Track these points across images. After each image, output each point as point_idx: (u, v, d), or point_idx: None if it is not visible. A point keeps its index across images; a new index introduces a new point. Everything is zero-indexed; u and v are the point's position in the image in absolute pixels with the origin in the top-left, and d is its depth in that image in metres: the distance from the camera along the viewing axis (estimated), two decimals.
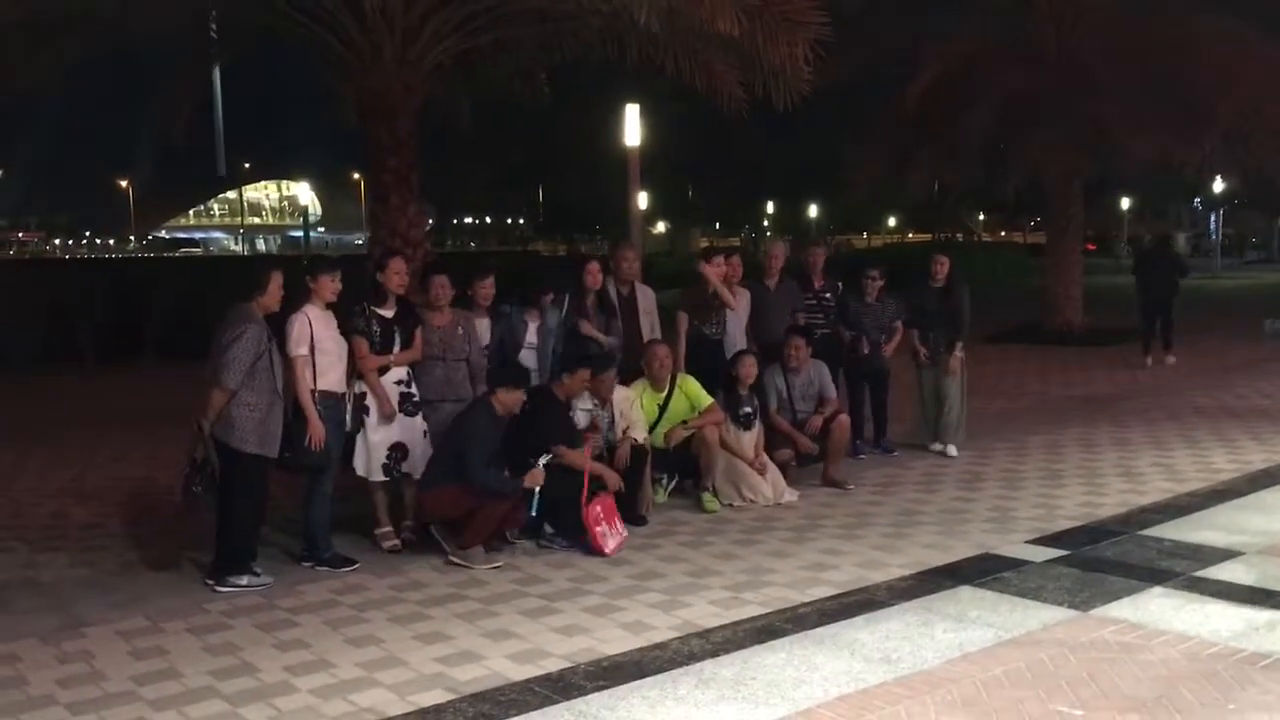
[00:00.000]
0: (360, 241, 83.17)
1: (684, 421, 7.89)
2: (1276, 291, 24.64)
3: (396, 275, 6.85)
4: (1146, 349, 15.26)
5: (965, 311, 9.59)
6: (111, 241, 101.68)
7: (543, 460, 6.70)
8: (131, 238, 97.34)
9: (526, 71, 11.90)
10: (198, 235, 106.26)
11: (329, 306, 6.52)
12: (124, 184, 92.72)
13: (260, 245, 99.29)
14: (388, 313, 6.82)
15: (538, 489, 6.61)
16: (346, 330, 6.61)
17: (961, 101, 16.04)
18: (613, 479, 7.02)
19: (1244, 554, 6.32)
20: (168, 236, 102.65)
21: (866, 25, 14.10)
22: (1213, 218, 53.68)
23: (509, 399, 6.67)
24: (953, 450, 9.39)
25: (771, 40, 9.50)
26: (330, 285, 6.46)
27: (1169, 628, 5.18)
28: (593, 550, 6.66)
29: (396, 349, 6.81)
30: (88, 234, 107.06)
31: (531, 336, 7.73)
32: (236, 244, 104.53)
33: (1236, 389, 12.60)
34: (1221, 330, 17.88)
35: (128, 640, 5.38)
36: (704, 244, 49.95)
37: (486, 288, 7.54)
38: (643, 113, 14.43)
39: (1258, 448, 9.26)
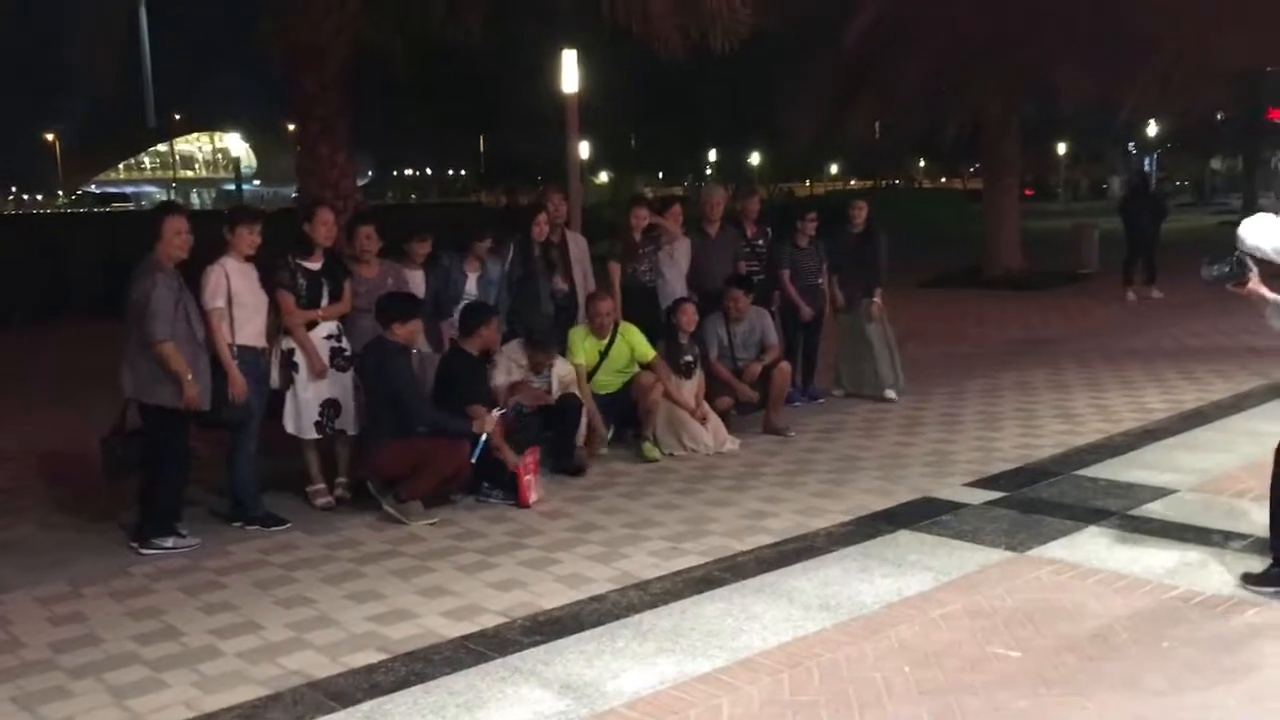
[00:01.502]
0: (296, 194, 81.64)
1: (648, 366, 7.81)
2: (1206, 235, 25.01)
3: (324, 226, 6.63)
4: (1128, 283, 15.95)
5: (883, 257, 9.58)
6: (39, 197, 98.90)
7: (496, 412, 6.55)
8: (60, 192, 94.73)
9: (457, 12, 11.57)
10: (128, 190, 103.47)
11: (249, 259, 6.30)
12: (50, 138, 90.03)
13: (194, 199, 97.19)
14: (314, 265, 6.61)
15: (485, 435, 6.45)
16: (272, 284, 6.40)
17: (900, 44, 15.95)
18: (511, 460, 6.75)
19: (1176, 491, 6.37)
20: (98, 191, 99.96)
21: None
22: (1147, 161, 54.36)
23: (404, 332, 6.50)
24: (891, 394, 9.40)
25: None
26: (248, 238, 6.24)
27: (1103, 566, 5.20)
28: (519, 503, 6.58)
29: (325, 303, 6.61)
30: (13, 190, 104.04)
31: (471, 287, 7.55)
32: (169, 198, 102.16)
33: (1170, 330, 12.75)
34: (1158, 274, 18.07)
35: (46, 606, 5.21)
36: (646, 192, 49.68)
37: (424, 246, 7.37)
38: (583, 59, 14.16)
39: (1190, 387, 9.36)
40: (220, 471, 6.68)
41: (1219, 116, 34.09)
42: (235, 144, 68.66)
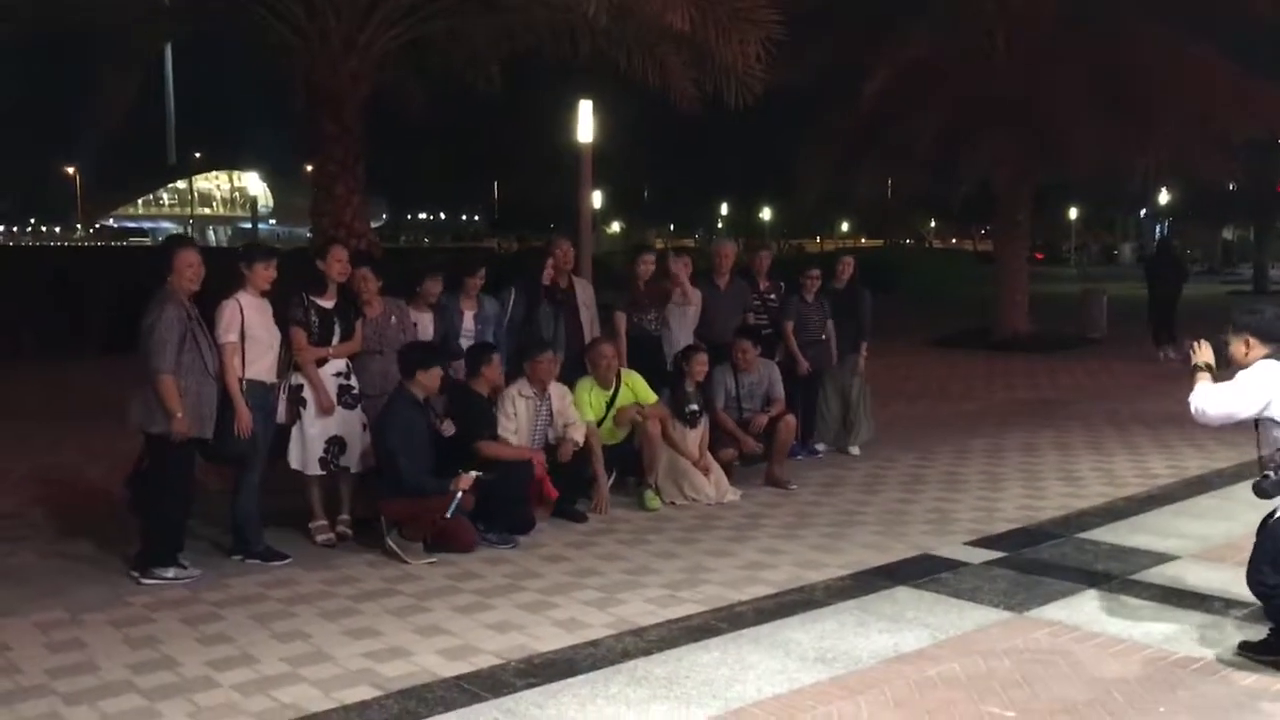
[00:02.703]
0: (311, 234, 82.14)
1: (639, 405, 7.83)
2: (1216, 302, 25.05)
3: (337, 264, 6.72)
4: (1159, 343, 16.70)
5: (867, 313, 9.72)
6: (58, 230, 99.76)
7: (472, 473, 6.52)
8: (78, 226, 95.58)
9: (478, 62, 11.78)
10: (146, 225, 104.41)
11: (264, 294, 6.37)
12: (71, 171, 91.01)
13: (210, 236, 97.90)
14: (328, 303, 6.68)
15: (459, 494, 6.44)
16: (285, 320, 6.47)
17: (913, 105, 16.12)
18: (537, 455, 7.07)
19: (1178, 558, 6.36)
20: (116, 225, 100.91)
21: (820, 27, 14.10)
22: (1157, 228, 54.58)
23: (427, 379, 6.56)
24: (855, 450, 9.48)
25: (724, 37, 9.49)
26: (264, 273, 6.32)
27: (1102, 630, 5.19)
28: (545, 497, 6.97)
29: (336, 340, 6.68)
30: (32, 221, 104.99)
31: (468, 324, 7.60)
32: (183, 232, 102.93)
33: (1178, 396, 12.70)
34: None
35: (45, 632, 5.21)
36: (658, 244, 49.95)
37: (435, 285, 7.39)
38: (597, 110, 14.34)
39: (1195, 454, 9.36)
40: (223, 504, 6.71)
41: (1230, 186, 34.22)
42: (253, 183, 69.32)
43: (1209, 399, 4.75)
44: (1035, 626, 5.27)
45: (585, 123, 14.46)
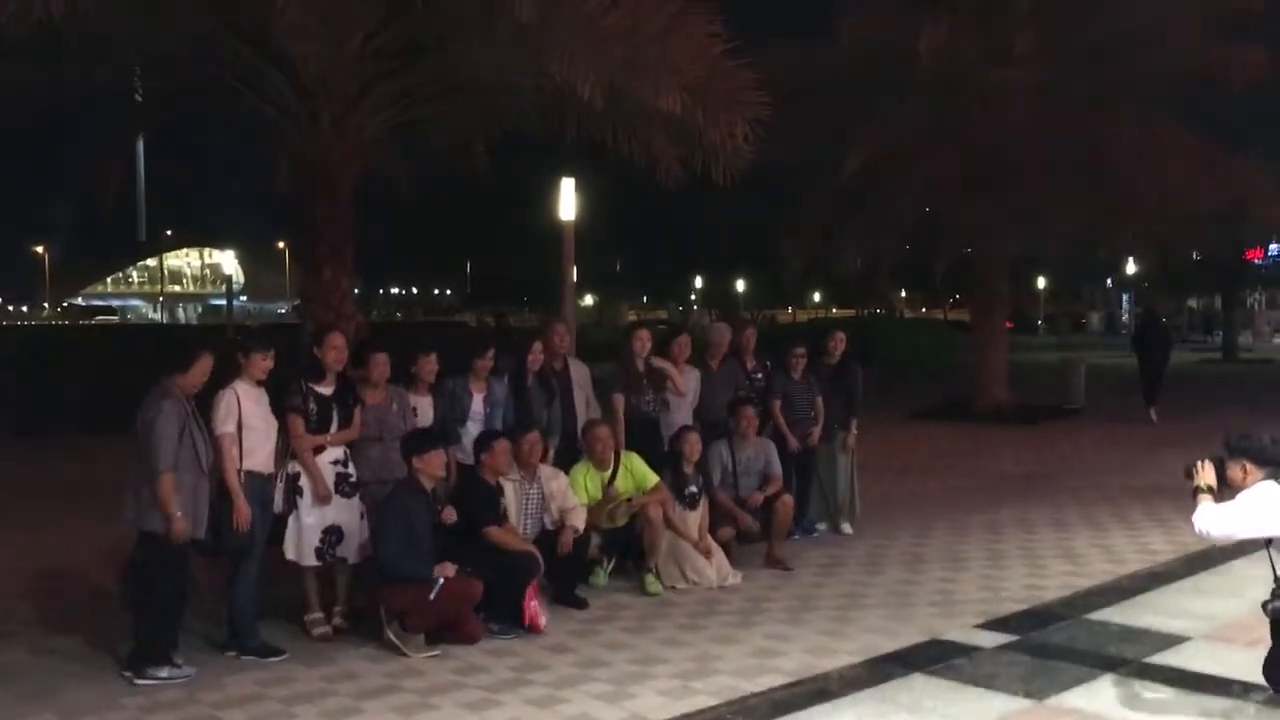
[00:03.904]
0: (284, 311, 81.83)
1: (629, 499, 7.73)
2: (1190, 370, 25.38)
3: (334, 351, 6.63)
4: (1150, 404, 17.77)
5: (859, 388, 9.68)
6: (25, 308, 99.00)
7: (440, 579, 6.31)
8: (46, 304, 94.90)
9: (465, 143, 11.81)
10: (115, 303, 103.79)
11: (259, 384, 6.28)
12: (40, 250, 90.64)
13: (180, 314, 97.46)
14: (326, 390, 6.59)
15: (440, 581, 6.30)
16: (282, 408, 6.37)
17: (895, 182, 16.35)
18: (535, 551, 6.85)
19: (1190, 639, 6.30)
20: (84, 304, 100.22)
21: (801, 107, 14.29)
22: (1125, 298, 55.41)
23: (426, 463, 6.45)
24: (847, 528, 9.40)
25: (712, 119, 9.54)
26: (261, 363, 6.23)
27: (1124, 718, 5.10)
28: (532, 629, 6.51)
29: (334, 428, 6.57)
30: (0, 300, 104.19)
31: (477, 407, 7.48)
32: (155, 312, 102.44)
33: (1166, 467, 12.76)
34: (1139, 408, 18.25)
35: None
36: (631, 317, 50.14)
37: (429, 364, 7.26)
38: (576, 184, 14.42)
39: (1190, 528, 9.31)
40: (215, 598, 6.53)
41: (1195, 256, 34.84)
42: (227, 261, 69.38)
43: (1212, 520, 4.92)
44: (1056, 715, 5.18)
45: (567, 200, 14.55)
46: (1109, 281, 60.59)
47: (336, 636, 6.55)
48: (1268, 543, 4.87)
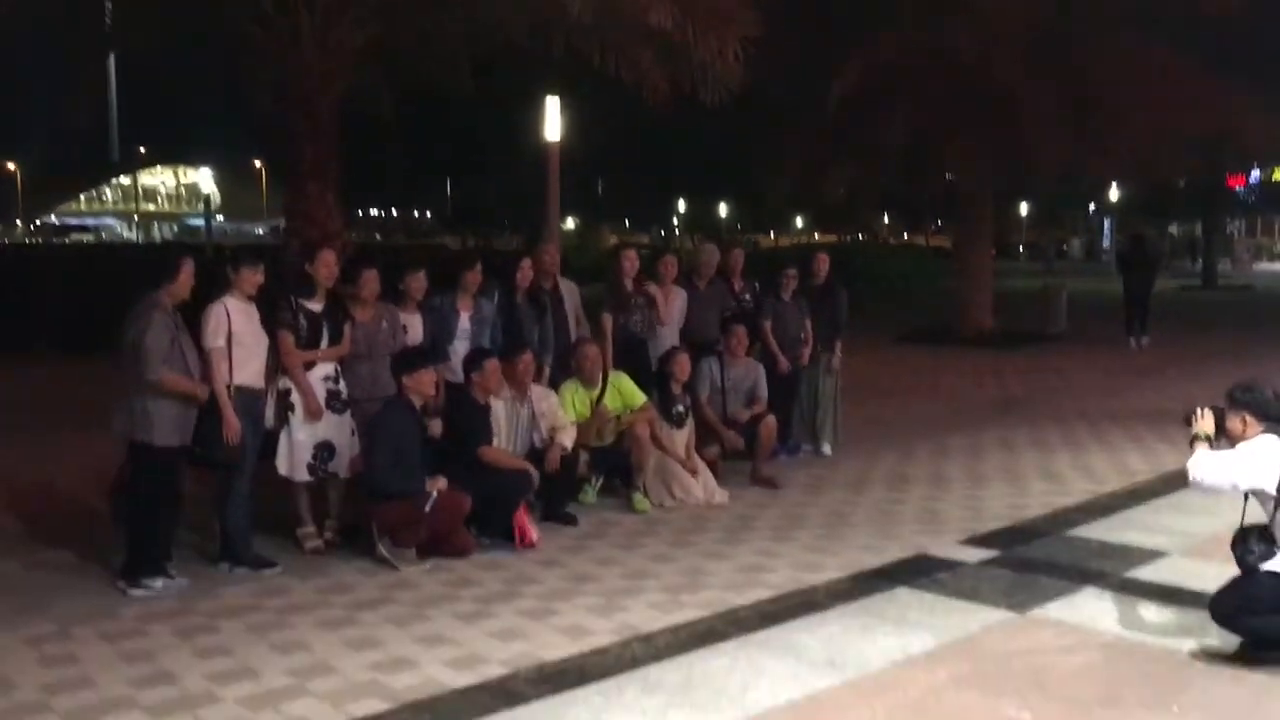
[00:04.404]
0: (261, 231, 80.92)
1: (617, 418, 7.78)
2: (1168, 297, 25.51)
3: (325, 267, 6.60)
4: (1130, 333, 17.95)
5: (843, 310, 9.73)
6: None
7: (434, 493, 6.36)
8: (18, 222, 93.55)
9: (449, 61, 11.63)
10: (90, 221, 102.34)
11: (250, 299, 6.25)
12: (11, 167, 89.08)
13: (155, 233, 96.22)
14: (316, 306, 6.56)
15: (434, 495, 6.35)
16: (273, 324, 6.35)
17: (882, 108, 16.19)
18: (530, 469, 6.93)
19: (1168, 554, 6.44)
20: (58, 223, 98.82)
21: (790, 27, 14.08)
22: (1106, 223, 55.45)
23: (417, 382, 6.48)
24: (827, 449, 9.51)
25: (702, 35, 9.45)
26: (251, 278, 6.19)
27: (1106, 629, 5.24)
28: (525, 545, 6.59)
29: (324, 344, 6.56)
30: None
31: (465, 324, 7.46)
32: (130, 231, 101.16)
33: (1143, 392, 12.95)
34: (1119, 333, 18.39)
35: (35, 647, 5.07)
36: (612, 240, 49.88)
37: (418, 281, 7.22)
38: (560, 108, 14.23)
39: (1168, 449, 9.46)
40: (208, 510, 6.56)
41: (1179, 183, 34.82)
42: (204, 179, 68.26)
43: (1207, 468, 4.86)
44: (1039, 626, 5.30)
45: (552, 120, 14.41)
46: (1091, 207, 60.54)
47: (328, 550, 6.61)
48: (1245, 494, 4.89)
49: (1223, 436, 4.97)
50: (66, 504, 7.79)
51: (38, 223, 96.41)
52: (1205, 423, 5.00)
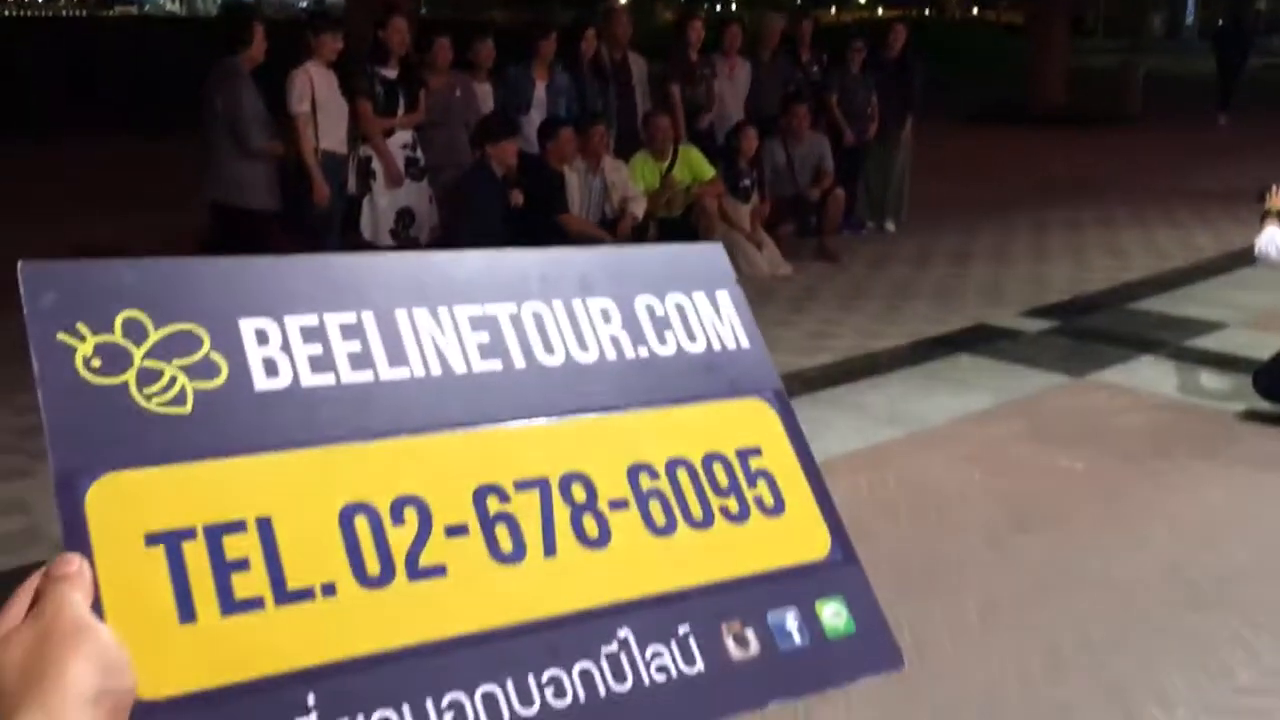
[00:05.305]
0: (305, 4, 79.07)
1: (686, 189, 7.89)
2: (1252, 77, 24.43)
3: (397, 34, 6.64)
4: (1221, 109, 18.18)
5: (918, 85, 9.53)
6: None
7: None
8: None
9: None
10: None
11: (330, 65, 6.34)
12: None
13: (199, 5, 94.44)
14: (391, 73, 6.64)
15: None
16: (351, 91, 6.46)
17: None
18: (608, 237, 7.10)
19: (1227, 326, 6.57)
20: None
21: None
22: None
23: (501, 151, 6.56)
24: (891, 226, 9.54)
25: None
26: (331, 44, 6.28)
27: (1160, 392, 5.44)
28: None
29: (401, 111, 6.68)
30: None
31: (540, 94, 7.47)
32: (174, 4, 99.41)
33: (1217, 172, 12.71)
34: (1201, 115, 17.86)
35: None
36: (667, 15, 48.25)
37: (487, 48, 7.24)
38: None
39: (1236, 228, 9.40)
40: None
41: None
42: None
43: (1276, 242, 4.88)
44: (1094, 389, 5.52)
45: None
46: None
47: None
48: None
49: None
50: None
51: None
52: (1279, 199, 5.03)
